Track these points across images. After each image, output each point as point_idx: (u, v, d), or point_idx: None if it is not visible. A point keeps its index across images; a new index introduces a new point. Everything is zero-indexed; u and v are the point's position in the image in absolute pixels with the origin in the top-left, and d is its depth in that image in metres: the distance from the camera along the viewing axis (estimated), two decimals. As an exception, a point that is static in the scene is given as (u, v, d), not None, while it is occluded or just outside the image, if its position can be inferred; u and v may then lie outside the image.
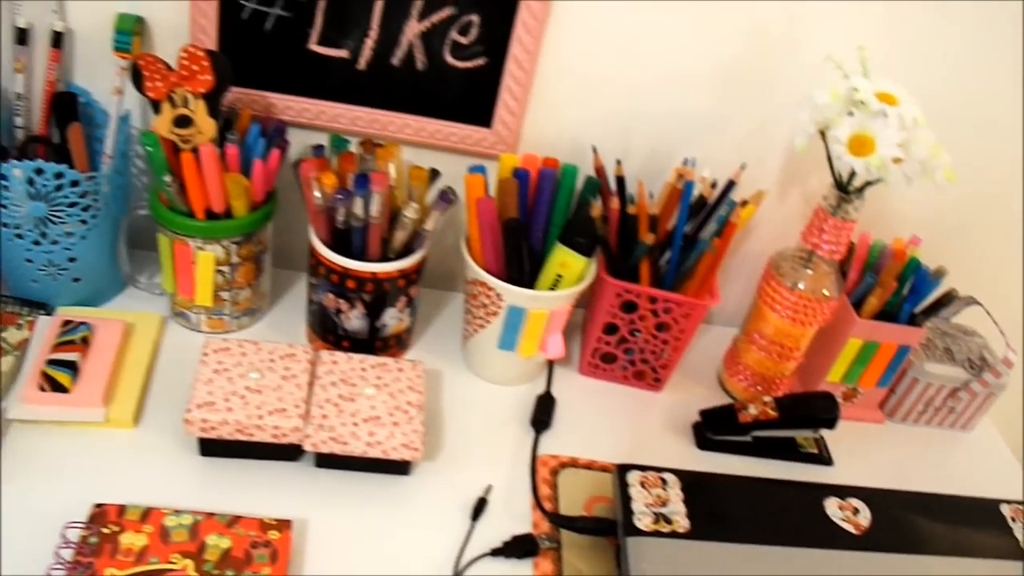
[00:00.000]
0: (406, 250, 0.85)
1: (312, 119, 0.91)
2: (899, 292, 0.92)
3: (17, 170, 0.79)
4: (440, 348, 0.96)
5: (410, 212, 0.81)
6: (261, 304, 0.94)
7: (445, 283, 1.04)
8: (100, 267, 0.91)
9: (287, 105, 0.90)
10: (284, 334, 0.93)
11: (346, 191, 0.81)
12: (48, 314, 0.90)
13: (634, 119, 0.93)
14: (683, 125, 0.93)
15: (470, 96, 0.90)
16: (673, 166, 0.93)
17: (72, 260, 0.88)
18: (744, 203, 0.89)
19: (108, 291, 0.94)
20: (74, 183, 0.82)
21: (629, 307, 0.90)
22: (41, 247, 0.85)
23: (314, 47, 0.88)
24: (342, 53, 0.88)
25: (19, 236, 0.85)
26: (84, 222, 0.85)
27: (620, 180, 0.90)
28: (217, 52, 0.81)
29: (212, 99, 0.82)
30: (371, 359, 0.85)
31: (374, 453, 0.78)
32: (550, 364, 0.94)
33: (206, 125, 0.82)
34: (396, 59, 0.88)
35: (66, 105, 0.89)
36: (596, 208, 0.85)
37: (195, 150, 0.81)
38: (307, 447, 0.78)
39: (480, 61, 0.88)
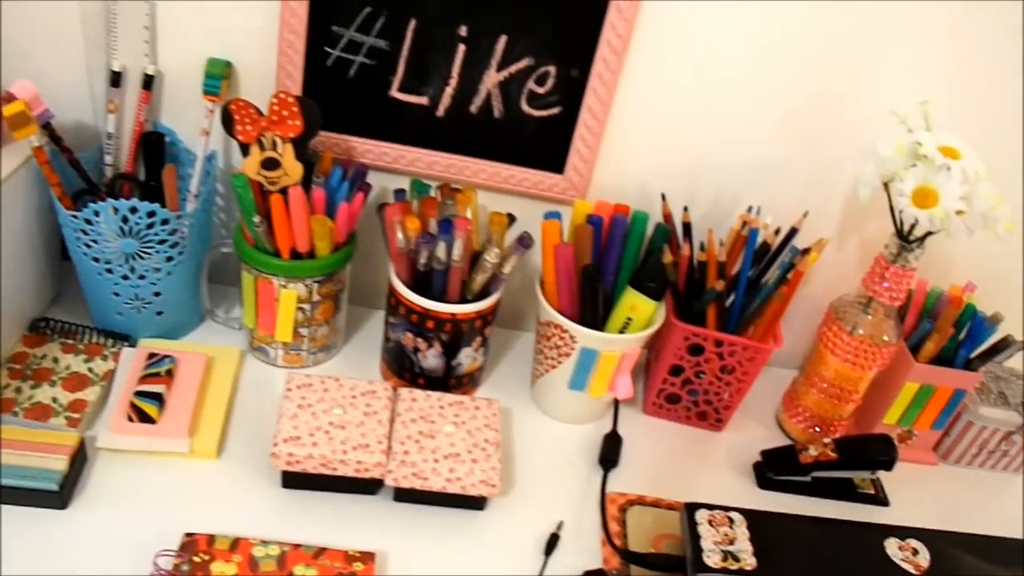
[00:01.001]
0: (483, 292, 0.88)
1: (391, 163, 0.95)
2: (955, 338, 0.95)
3: (113, 208, 0.83)
4: (506, 385, 1.00)
5: (491, 257, 0.85)
6: (336, 340, 0.98)
7: (511, 322, 1.08)
8: (182, 301, 0.94)
9: (367, 149, 0.94)
10: (358, 370, 0.97)
11: (430, 235, 0.85)
12: (132, 346, 0.94)
13: (700, 167, 0.97)
14: (747, 173, 0.97)
15: (544, 143, 0.94)
16: (736, 212, 0.97)
17: (157, 295, 0.91)
18: (806, 250, 0.92)
19: (187, 324, 0.98)
20: (164, 221, 0.86)
21: (695, 350, 0.93)
22: (129, 282, 0.89)
23: (395, 94, 0.92)
24: (422, 100, 0.92)
25: (108, 271, 0.89)
26: (170, 259, 0.89)
27: (687, 226, 0.94)
28: (307, 99, 0.85)
29: (300, 143, 0.86)
30: (448, 397, 0.89)
31: (453, 489, 0.82)
32: (615, 403, 0.98)
33: (293, 168, 0.87)
34: (474, 107, 0.92)
35: (153, 144, 0.94)
36: (668, 255, 0.89)
37: (283, 192, 0.85)
38: (388, 482, 0.81)
39: (555, 110, 0.92)
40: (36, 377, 0.89)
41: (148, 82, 0.92)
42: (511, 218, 0.90)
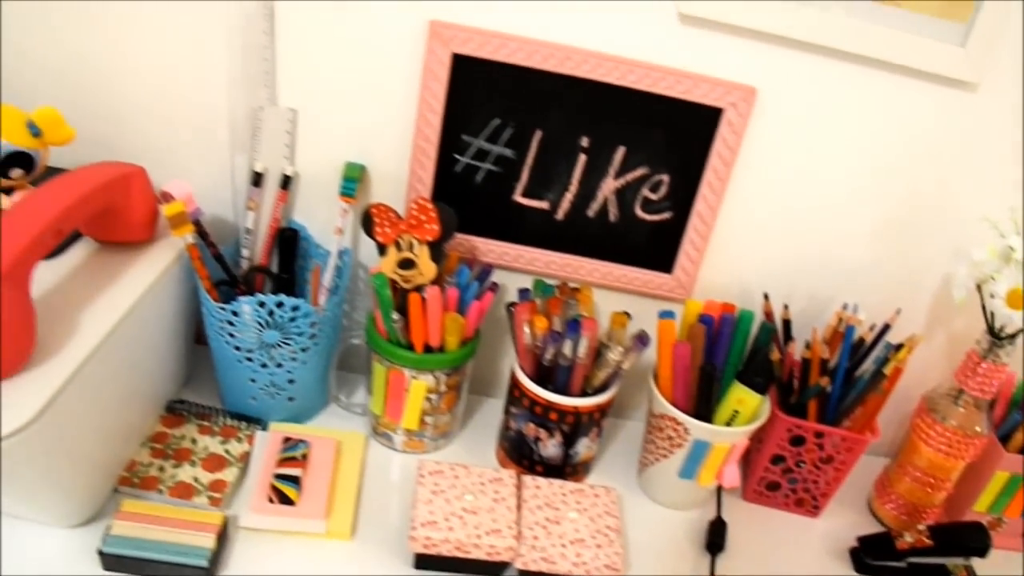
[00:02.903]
0: (602, 385, 0.97)
1: (511, 261, 1.04)
2: (1043, 429, 1.03)
3: (260, 302, 0.91)
4: (611, 471, 1.08)
5: (615, 354, 0.94)
6: (454, 427, 1.06)
7: (616, 411, 1.16)
8: (312, 388, 1.03)
9: (489, 248, 1.03)
10: (475, 455, 1.05)
11: (557, 334, 0.93)
12: (264, 429, 1.02)
13: (797, 266, 1.05)
14: (842, 272, 1.05)
15: (655, 245, 1.03)
16: (830, 308, 1.06)
17: (291, 382, 1.00)
18: (899, 346, 1.01)
19: (314, 409, 1.06)
20: (306, 314, 0.95)
21: (797, 440, 1.01)
22: (267, 369, 0.98)
23: (519, 198, 1.01)
24: (543, 205, 1.01)
25: (248, 359, 0.97)
26: (306, 349, 0.98)
27: (786, 323, 1.03)
28: (444, 205, 0.93)
29: (435, 246, 0.95)
30: (569, 485, 0.96)
31: (578, 572, 0.89)
32: (719, 490, 1.06)
33: (427, 268, 0.95)
34: (591, 211, 1.01)
35: (288, 240, 1.03)
36: (776, 352, 0.97)
37: (417, 289, 0.93)
38: (517, 565, 0.89)
39: (666, 215, 1.01)
40: (177, 457, 0.96)
41: (286, 182, 1.01)
42: (629, 317, 0.99)
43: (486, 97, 0.94)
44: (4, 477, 0.76)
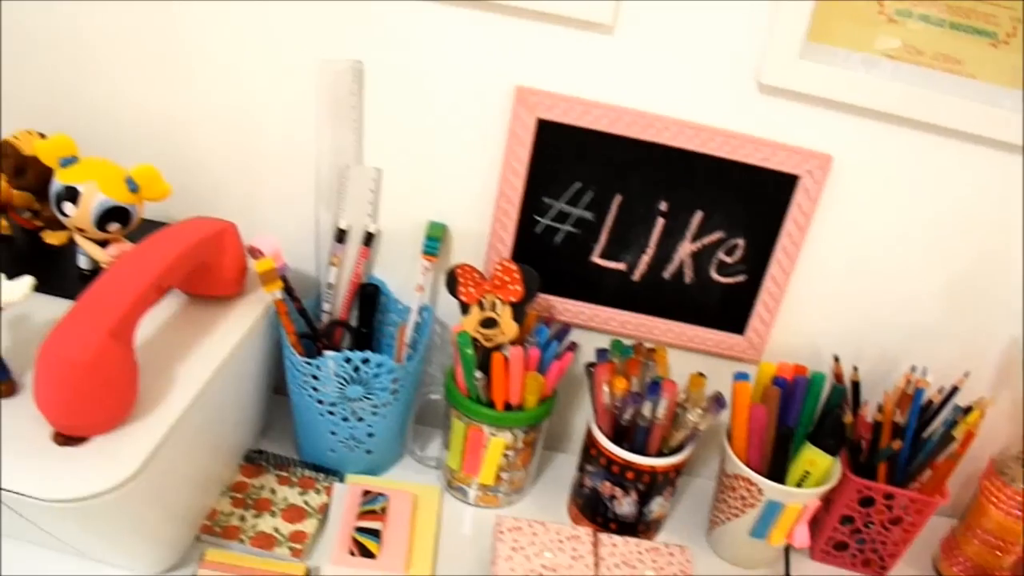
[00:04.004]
0: (678, 445, 0.97)
1: (586, 321, 1.05)
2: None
3: (346, 358, 0.92)
4: (678, 528, 1.08)
5: (693, 416, 0.94)
6: (527, 483, 1.06)
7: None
8: (390, 441, 1.03)
9: (566, 308, 1.04)
10: (547, 511, 1.05)
11: (637, 395, 0.94)
12: (341, 481, 1.02)
13: (866, 327, 1.05)
14: (909, 333, 1.06)
15: (728, 307, 1.03)
16: (897, 369, 1.06)
17: (370, 435, 1.00)
18: (968, 408, 1.01)
19: (389, 461, 1.07)
20: (390, 370, 0.95)
21: (866, 502, 1.01)
22: (348, 423, 0.98)
23: (596, 260, 1.02)
24: (620, 266, 1.02)
25: (331, 413, 0.98)
26: (387, 404, 0.98)
27: (855, 385, 1.03)
28: (528, 267, 0.94)
29: (518, 307, 0.96)
30: (645, 543, 0.96)
31: (656, 631, 0.89)
32: (787, 549, 1.06)
33: (509, 328, 0.96)
34: (667, 273, 1.02)
35: (369, 296, 1.04)
36: (848, 415, 0.98)
37: (498, 348, 0.94)
38: (596, 624, 0.89)
39: (741, 278, 1.02)
40: (257, 507, 0.97)
41: (368, 239, 1.02)
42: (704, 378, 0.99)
43: (569, 161, 0.95)
44: (97, 527, 0.76)
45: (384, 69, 0.94)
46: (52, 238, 0.98)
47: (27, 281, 0.76)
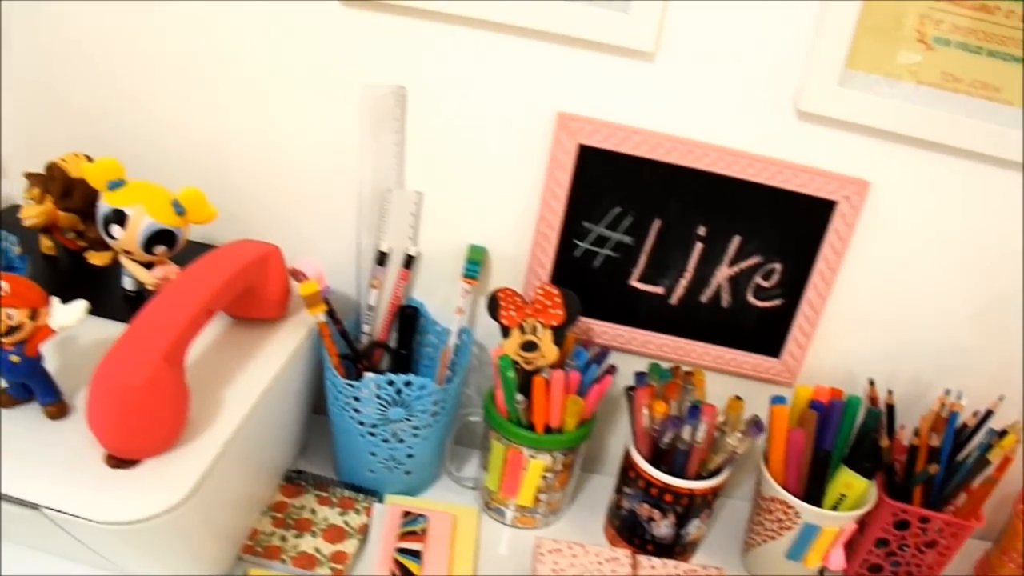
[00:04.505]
0: (716, 468, 0.97)
1: (624, 344, 1.05)
2: None
3: (389, 381, 0.93)
4: (714, 550, 1.08)
5: (732, 440, 0.94)
6: (563, 504, 1.07)
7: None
8: (428, 462, 1.03)
9: (604, 330, 1.05)
10: (583, 533, 1.05)
11: (677, 419, 0.94)
12: (380, 501, 1.02)
13: (900, 351, 1.06)
14: (943, 357, 1.06)
15: (764, 331, 1.03)
16: (930, 392, 1.06)
17: (410, 456, 1.01)
18: (1003, 432, 1.01)
19: (427, 482, 1.07)
20: (431, 392, 0.96)
21: (902, 525, 1.01)
22: (388, 444, 0.99)
23: (634, 283, 1.02)
24: (658, 290, 1.02)
25: (372, 434, 0.98)
26: (428, 425, 0.99)
27: (890, 408, 1.03)
28: (570, 291, 0.95)
29: (558, 330, 0.96)
30: (683, 566, 0.97)
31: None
32: (821, 572, 1.06)
33: (549, 351, 0.97)
34: (705, 297, 1.02)
35: (409, 318, 1.04)
36: (885, 438, 0.98)
37: (537, 371, 0.95)
38: (637, 647, 0.89)
39: (777, 302, 1.02)
40: (298, 526, 0.97)
41: (408, 262, 1.02)
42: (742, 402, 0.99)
43: (608, 186, 0.95)
44: (146, 547, 0.77)
45: (427, 94, 0.95)
46: (96, 259, 0.99)
47: (81, 305, 0.77)
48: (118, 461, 0.75)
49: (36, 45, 1.00)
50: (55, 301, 0.76)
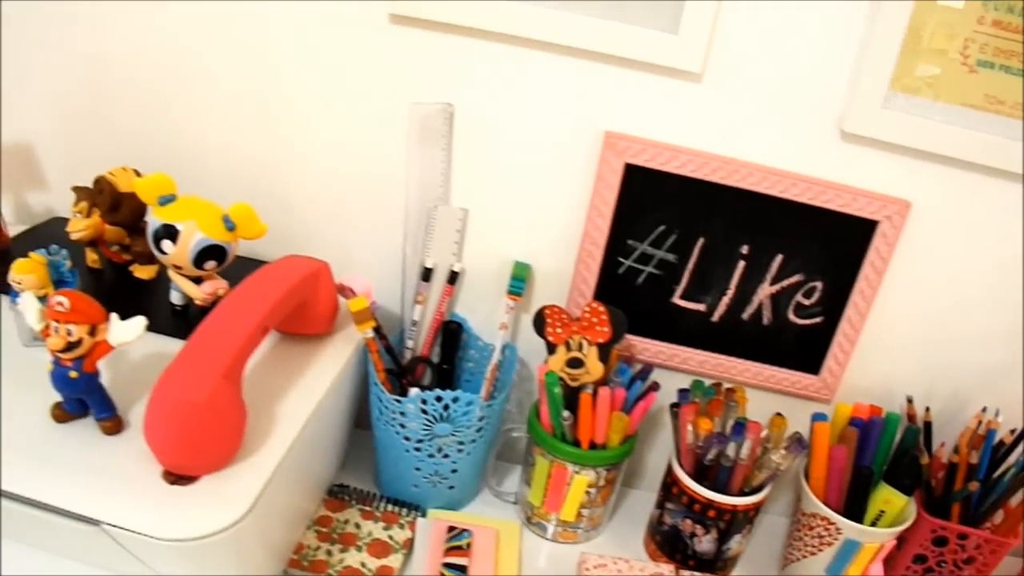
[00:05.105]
0: (759, 484, 0.98)
1: (665, 360, 1.05)
2: None
3: (437, 397, 0.93)
4: (752, 564, 1.08)
5: (777, 457, 0.95)
6: (604, 519, 1.07)
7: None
8: (471, 477, 1.04)
9: (645, 347, 1.05)
10: (623, 547, 1.05)
11: (722, 436, 0.94)
12: (423, 515, 1.02)
13: (937, 367, 1.06)
14: (979, 373, 1.06)
15: (804, 348, 1.04)
16: (966, 409, 1.07)
17: (454, 471, 1.01)
18: (1039, 450, 1.01)
19: (469, 496, 1.07)
20: (478, 408, 0.96)
21: (940, 541, 1.02)
22: (433, 459, 0.99)
23: (677, 301, 1.02)
24: (700, 307, 1.03)
25: (417, 449, 0.98)
26: (473, 441, 0.99)
27: (927, 425, 1.04)
28: (616, 309, 0.95)
29: (604, 347, 0.96)
30: (726, 580, 0.97)
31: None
32: (860, 587, 1.06)
33: (595, 368, 0.97)
34: (746, 314, 1.02)
35: (452, 333, 1.04)
36: (925, 455, 0.98)
37: (582, 388, 0.95)
38: (683, 662, 0.89)
39: (817, 319, 1.02)
40: (343, 541, 0.97)
41: (453, 277, 1.02)
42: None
43: (654, 204, 0.96)
44: (201, 563, 0.77)
45: (473, 111, 0.96)
46: (141, 272, 0.99)
47: (140, 321, 0.77)
48: (176, 477, 0.75)
49: (81, 61, 1.00)
50: (114, 317, 0.76)
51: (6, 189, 1.06)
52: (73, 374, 0.75)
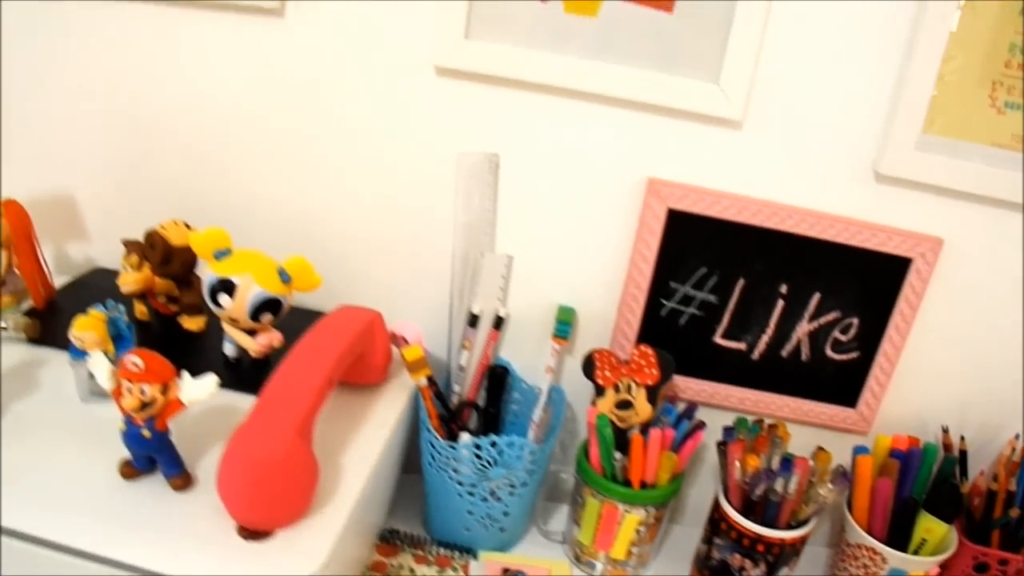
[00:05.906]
0: (806, 518, 1.00)
1: (707, 398, 1.07)
2: None
3: (492, 442, 0.94)
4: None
5: (823, 491, 0.97)
6: (652, 556, 1.08)
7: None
8: (521, 518, 1.05)
9: (688, 385, 1.07)
10: (670, 583, 1.07)
11: (771, 472, 0.96)
12: (475, 558, 1.03)
13: (970, 397, 1.08)
14: (1010, 400, 1.09)
15: (841, 382, 1.06)
16: (999, 436, 1.09)
17: (506, 514, 1.02)
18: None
19: (517, 537, 1.08)
20: (530, 452, 0.97)
21: (981, 567, 1.04)
22: (487, 503, 1.00)
23: (718, 340, 1.04)
24: (740, 346, 1.05)
25: (470, 493, 0.99)
26: (525, 483, 1.00)
27: (963, 453, 1.06)
28: (665, 352, 0.97)
29: (652, 389, 0.98)
30: (777, 614, 0.98)
31: None
32: (903, 614, 1.08)
33: (643, 409, 0.98)
34: (785, 351, 1.05)
35: (498, 377, 1.06)
36: (966, 485, 1.01)
37: (630, 428, 0.97)
38: None
39: (854, 355, 1.05)
40: (397, 586, 0.97)
41: (498, 323, 1.04)
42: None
43: (695, 248, 0.98)
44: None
45: (519, 160, 0.98)
46: (190, 323, 1.00)
47: (212, 380, 0.77)
48: (251, 533, 0.75)
49: (124, 112, 1.02)
50: (185, 374, 0.77)
51: (46, 239, 1.07)
52: (146, 433, 0.75)
